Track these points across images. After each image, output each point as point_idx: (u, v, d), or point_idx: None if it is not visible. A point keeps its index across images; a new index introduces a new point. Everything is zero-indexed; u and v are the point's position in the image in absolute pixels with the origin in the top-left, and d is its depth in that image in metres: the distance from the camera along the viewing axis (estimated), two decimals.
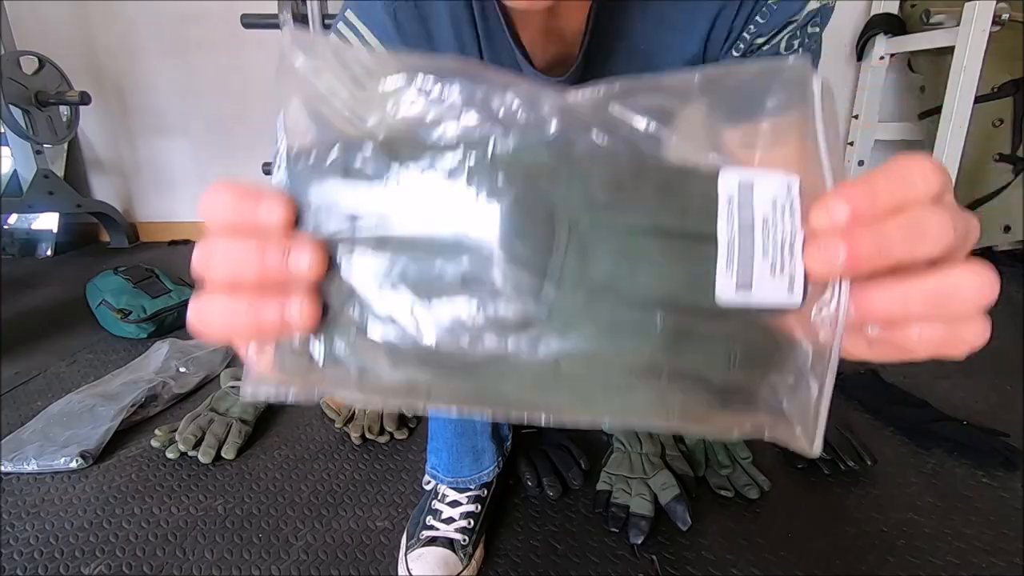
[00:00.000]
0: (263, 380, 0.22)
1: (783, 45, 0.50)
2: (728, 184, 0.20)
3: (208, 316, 0.21)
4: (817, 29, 0.50)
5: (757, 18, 0.48)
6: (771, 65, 0.21)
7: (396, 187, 0.20)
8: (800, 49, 0.50)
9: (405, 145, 0.20)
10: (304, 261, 0.20)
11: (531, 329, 0.20)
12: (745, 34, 0.49)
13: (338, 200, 0.21)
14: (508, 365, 0.21)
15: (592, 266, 0.20)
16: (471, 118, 0.21)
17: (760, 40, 0.50)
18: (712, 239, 0.20)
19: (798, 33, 0.49)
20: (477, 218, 0.20)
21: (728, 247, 0.20)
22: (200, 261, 0.21)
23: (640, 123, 0.20)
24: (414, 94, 0.21)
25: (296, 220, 0.21)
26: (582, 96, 0.21)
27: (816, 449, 0.21)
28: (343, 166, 0.21)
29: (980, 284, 0.19)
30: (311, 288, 0.21)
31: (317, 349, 0.22)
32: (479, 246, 0.20)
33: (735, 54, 0.51)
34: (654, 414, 0.21)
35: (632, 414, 0.21)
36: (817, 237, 0.19)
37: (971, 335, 0.20)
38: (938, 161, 0.19)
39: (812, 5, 0.48)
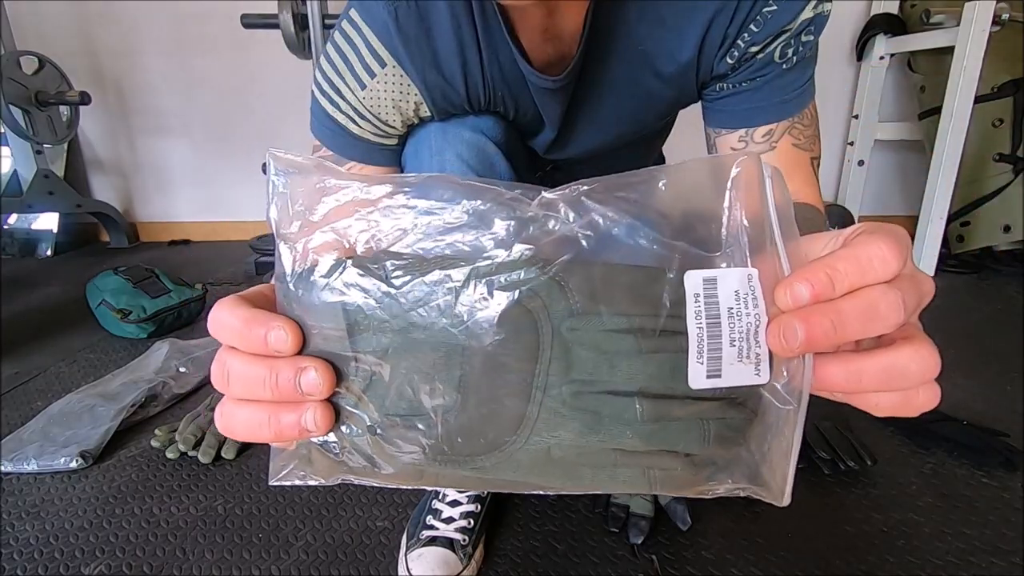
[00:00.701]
0: (285, 472, 0.25)
1: (777, 53, 0.50)
2: (693, 282, 0.21)
3: (232, 424, 0.24)
4: (811, 37, 0.50)
5: (751, 26, 0.48)
6: (725, 159, 0.22)
7: (392, 302, 0.22)
8: (794, 57, 0.50)
9: (398, 266, 0.22)
10: (314, 382, 0.22)
11: (524, 425, 0.22)
12: (739, 41, 0.49)
13: (339, 315, 0.22)
14: (504, 455, 0.23)
15: (574, 365, 0.22)
16: (456, 235, 0.22)
17: (754, 48, 0.49)
18: (683, 332, 0.21)
19: (792, 42, 0.49)
20: (468, 330, 0.22)
21: (698, 339, 0.21)
22: (218, 378, 0.23)
23: (610, 222, 0.22)
24: (399, 211, 0.23)
25: (300, 332, 0.23)
26: (558, 196, 0.23)
27: (785, 501, 0.24)
28: (342, 283, 0.22)
29: (924, 363, 0.21)
30: (323, 399, 0.23)
31: (332, 445, 0.24)
32: (472, 354, 0.22)
33: (729, 61, 0.51)
34: (638, 486, 0.24)
35: (618, 487, 0.24)
36: (778, 319, 0.21)
37: (923, 400, 0.22)
38: (898, 234, 0.21)
39: (807, 14, 0.48)
